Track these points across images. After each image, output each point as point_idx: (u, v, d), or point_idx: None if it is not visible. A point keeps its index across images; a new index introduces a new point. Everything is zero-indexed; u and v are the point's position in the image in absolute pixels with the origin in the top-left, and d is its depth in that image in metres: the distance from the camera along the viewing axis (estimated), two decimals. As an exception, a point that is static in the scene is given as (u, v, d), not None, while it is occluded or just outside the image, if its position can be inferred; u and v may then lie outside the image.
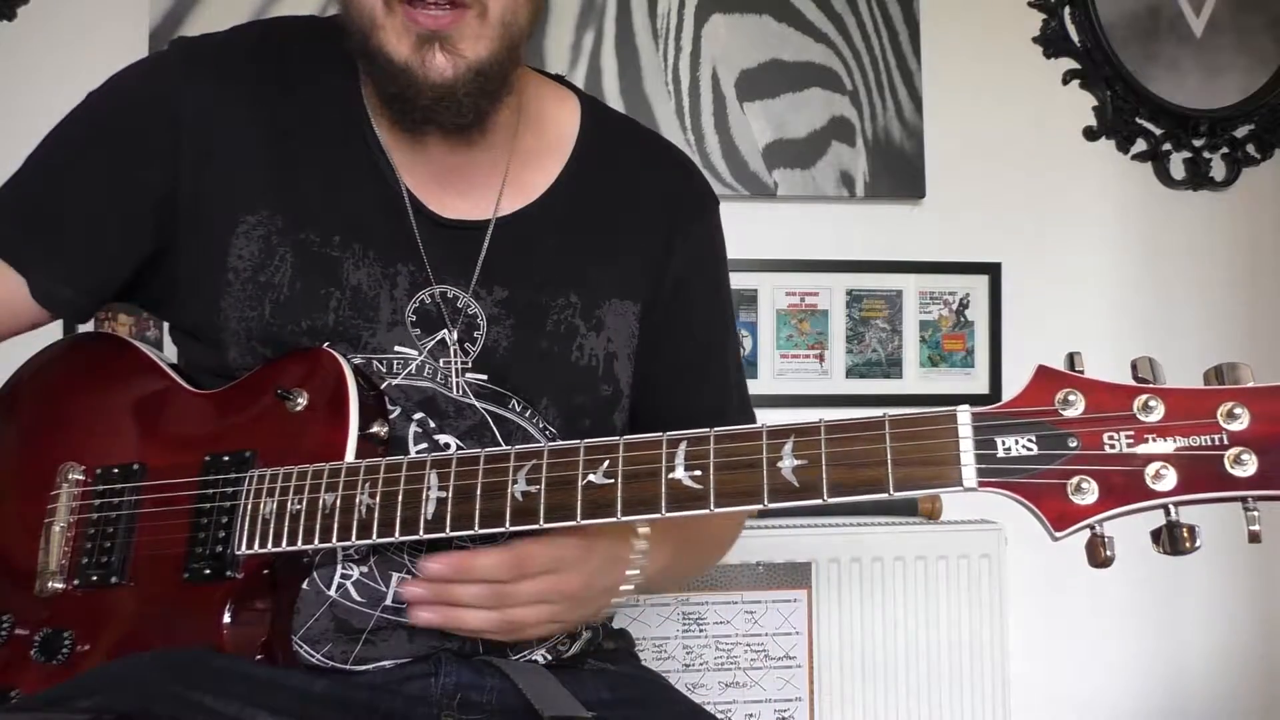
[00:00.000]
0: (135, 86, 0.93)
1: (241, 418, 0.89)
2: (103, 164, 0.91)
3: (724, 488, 0.71)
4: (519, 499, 0.76)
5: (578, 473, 0.75)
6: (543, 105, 0.99)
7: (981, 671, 1.90)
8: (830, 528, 1.89)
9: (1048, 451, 0.63)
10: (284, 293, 0.89)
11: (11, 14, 1.86)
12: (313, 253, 0.90)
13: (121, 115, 0.92)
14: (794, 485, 0.69)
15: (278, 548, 0.83)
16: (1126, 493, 0.62)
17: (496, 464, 0.77)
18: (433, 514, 0.78)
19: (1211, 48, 2.13)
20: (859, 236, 2.03)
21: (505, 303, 0.92)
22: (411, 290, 0.91)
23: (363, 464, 0.82)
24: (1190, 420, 0.62)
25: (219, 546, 0.85)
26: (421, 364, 0.90)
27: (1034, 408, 0.65)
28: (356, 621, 0.87)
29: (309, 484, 0.83)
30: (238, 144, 0.90)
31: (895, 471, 0.66)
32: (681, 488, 0.72)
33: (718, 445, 0.72)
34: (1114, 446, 0.62)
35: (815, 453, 0.69)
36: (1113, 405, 0.63)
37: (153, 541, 0.88)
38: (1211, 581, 2.10)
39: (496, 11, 0.84)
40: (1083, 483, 0.62)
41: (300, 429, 0.86)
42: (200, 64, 0.92)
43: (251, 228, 0.89)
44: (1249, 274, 2.12)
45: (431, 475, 0.79)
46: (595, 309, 0.94)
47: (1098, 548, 0.64)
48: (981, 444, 0.65)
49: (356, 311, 0.90)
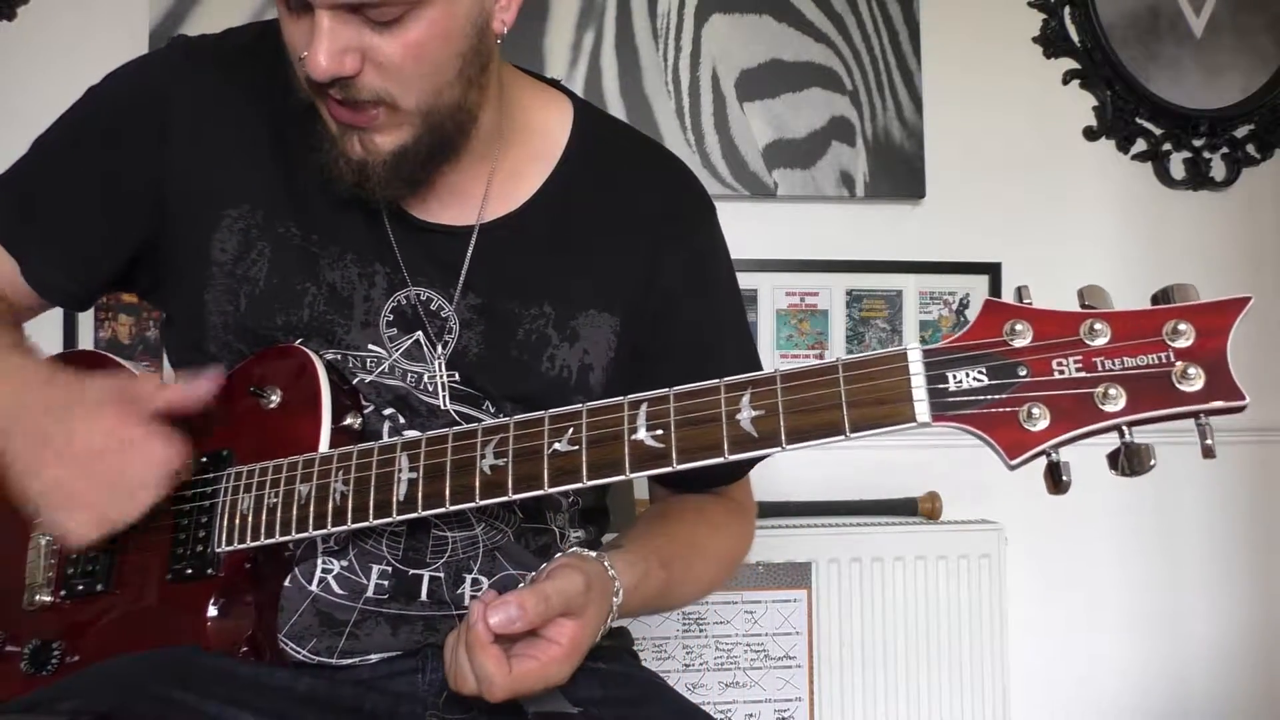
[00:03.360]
0: (132, 81, 0.94)
1: (217, 418, 0.90)
2: (96, 155, 0.92)
3: (685, 444, 0.71)
4: (488, 473, 0.76)
5: (543, 442, 0.75)
6: (530, 115, 0.97)
7: (981, 671, 1.90)
8: (830, 528, 1.90)
9: (998, 381, 0.64)
10: (260, 286, 0.89)
11: (11, 14, 1.86)
12: (292, 246, 0.90)
13: (116, 108, 0.93)
14: (753, 435, 0.70)
15: (256, 541, 0.83)
16: (1078, 416, 0.62)
17: (464, 440, 0.78)
18: (404, 495, 0.78)
19: (1211, 48, 2.13)
20: (859, 236, 2.03)
21: (479, 309, 0.91)
22: (389, 291, 0.90)
23: (335, 453, 0.83)
24: (1136, 340, 0.62)
25: (199, 545, 0.85)
26: (393, 365, 0.90)
27: (983, 340, 0.65)
28: (339, 615, 0.88)
29: (284, 476, 0.83)
30: (226, 139, 0.91)
31: (850, 413, 0.67)
32: (645, 448, 0.72)
33: (677, 404, 0.73)
34: (1063, 372, 0.63)
35: (772, 401, 0.70)
36: (1060, 332, 0.64)
37: (137, 547, 0.88)
38: (1211, 581, 2.11)
39: (410, 102, 0.82)
40: (1034, 408, 0.63)
41: (275, 425, 0.87)
42: (195, 60, 0.93)
43: (234, 221, 0.90)
44: (1249, 274, 2.12)
45: (402, 458, 0.79)
46: (570, 320, 0.93)
47: (1055, 474, 0.64)
48: (934, 379, 0.65)
49: (332, 308, 0.90)
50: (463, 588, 0.90)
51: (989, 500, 2.00)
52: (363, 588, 0.88)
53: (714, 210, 1.04)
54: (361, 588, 0.88)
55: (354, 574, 0.88)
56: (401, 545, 0.89)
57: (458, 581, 0.90)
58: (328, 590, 0.88)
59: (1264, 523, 2.12)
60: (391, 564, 0.88)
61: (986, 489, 2.01)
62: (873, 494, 1.97)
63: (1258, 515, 2.12)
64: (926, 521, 1.96)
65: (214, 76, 0.92)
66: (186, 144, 0.91)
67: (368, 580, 0.88)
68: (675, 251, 0.97)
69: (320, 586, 0.88)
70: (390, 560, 0.88)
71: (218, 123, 0.91)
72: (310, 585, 0.88)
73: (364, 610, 0.88)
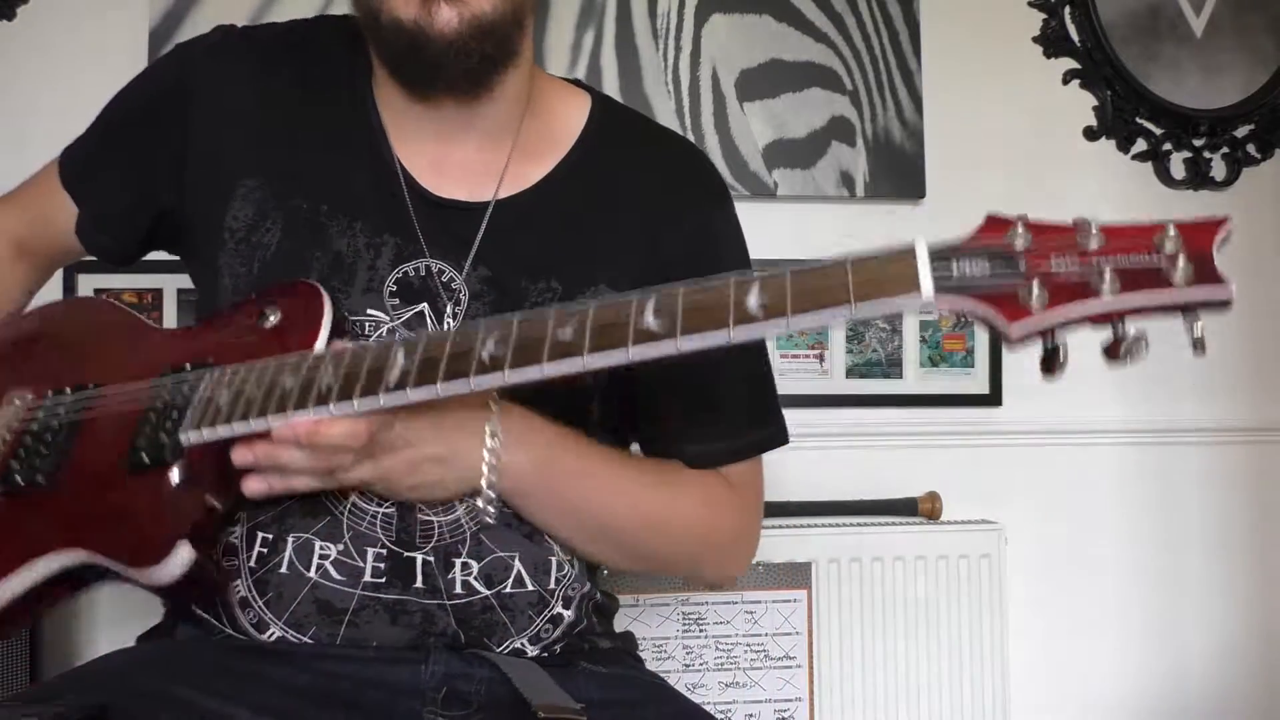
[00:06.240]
0: (173, 57, 1.05)
1: (210, 340, 0.90)
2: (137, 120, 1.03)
3: (690, 323, 0.71)
4: (485, 361, 0.75)
5: (547, 332, 0.75)
6: (551, 100, 1.02)
7: (981, 671, 1.90)
8: (830, 528, 1.90)
9: (1000, 270, 0.67)
10: (271, 251, 0.94)
11: (11, 14, 1.86)
12: (302, 218, 0.94)
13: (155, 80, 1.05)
14: (759, 316, 0.70)
15: (227, 426, 0.80)
16: (1076, 292, 0.65)
17: (466, 334, 0.77)
18: (395, 382, 0.77)
19: (1211, 48, 2.13)
20: (859, 237, 2.03)
21: (488, 282, 0.94)
22: (395, 261, 0.93)
23: (328, 350, 0.82)
24: (1129, 241, 0.66)
25: (163, 435, 0.83)
26: (393, 329, 0.92)
27: (985, 241, 0.69)
28: (339, 602, 0.88)
29: (271, 372, 0.82)
30: (246, 113, 0.98)
31: (856, 290, 0.68)
32: (649, 332, 0.72)
33: (686, 297, 0.73)
34: (1060, 267, 0.67)
35: (780, 286, 0.70)
36: (1058, 235, 0.68)
37: (95, 445, 0.86)
38: (1211, 581, 2.10)
39: None
40: (1034, 288, 0.66)
41: (270, 340, 0.87)
42: (231, 41, 1.02)
43: (249, 191, 0.95)
44: (1249, 274, 2.12)
45: (398, 352, 0.78)
46: (578, 295, 0.94)
47: (1053, 358, 0.67)
48: (939, 266, 0.68)
49: (335, 274, 0.93)
50: (453, 573, 0.90)
51: (989, 500, 2.00)
52: (360, 571, 0.88)
53: (725, 195, 1.07)
54: (359, 571, 0.88)
55: (350, 558, 0.88)
56: (394, 526, 0.89)
57: (448, 566, 0.90)
58: (326, 577, 0.88)
59: (1265, 523, 2.12)
60: (386, 545, 0.89)
61: (986, 489, 2.01)
62: (873, 494, 1.96)
63: (1258, 516, 2.12)
64: (926, 521, 1.95)
65: (240, 55, 1.00)
66: (209, 115, 0.98)
67: (364, 564, 0.88)
68: (676, 225, 1.00)
69: (319, 573, 0.88)
70: (385, 541, 0.89)
71: (238, 97, 0.98)
72: (309, 572, 0.88)
73: (363, 597, 0.88)
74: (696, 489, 0.99)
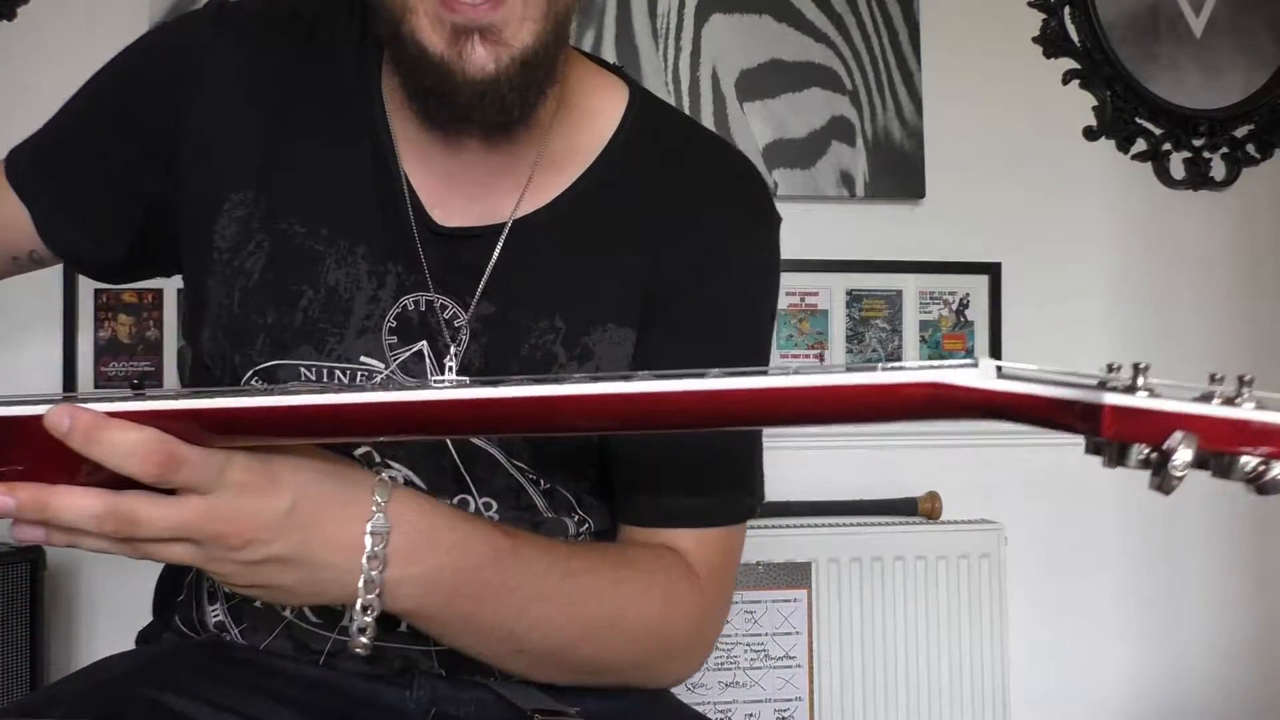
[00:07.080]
0: (159, 39, 0.91)
1: None
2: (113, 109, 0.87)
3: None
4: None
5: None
6: (580, 98, 0.89)
7: (981, 671, 1.90)
8: (830, 528, 1.90)
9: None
10: (254, 279, 0.82)
11: (11, 14, 1.86)
12: (293, 245, 0.82)
13: (140, 65, 0.88)
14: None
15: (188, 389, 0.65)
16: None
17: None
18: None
19: (1211, 48, 2.13)
20: (859, 236, 2.03)
21: (488, 320, 0.83)
22: (397, 294, 0.82)
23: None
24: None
25: None
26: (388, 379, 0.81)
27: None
28: (314, 644, 0.83)
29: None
30: (240, 116, 0.84)
31: None
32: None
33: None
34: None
35: None
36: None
37: None
38: (1211, 581, 2.11)
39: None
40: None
41: None
42: (225, 29, 0.87)
43: (234, 206, 0.83)
44: (1249, 274, 2.12)
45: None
46: (582, 336, 0.83)
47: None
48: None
49: (327, 314, 0.82)
50: None
51: (989, 500, 2.00)
52: (339, 614, 0.81)
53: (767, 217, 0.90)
54: (338, 614, 0.81)
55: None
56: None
57: None
58: (302, 617, 0.83)
59: (1264, 523, 2.12)
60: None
61: (986, 489, 2.01)
62: (873, 494, 1.97)
63: (1258, 517, 2.12)
64: (926, 521, 1.96)
65: (237, 48, 0.86)
66: (200, 111, 0.84)
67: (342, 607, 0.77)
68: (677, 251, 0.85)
69: (294, 613, 0.83)
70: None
71: (233, 97, 0.85)
72: (284, 611, 0.83)
73: (339, 641, 0.82)
74: (655, 586, 0.81)
